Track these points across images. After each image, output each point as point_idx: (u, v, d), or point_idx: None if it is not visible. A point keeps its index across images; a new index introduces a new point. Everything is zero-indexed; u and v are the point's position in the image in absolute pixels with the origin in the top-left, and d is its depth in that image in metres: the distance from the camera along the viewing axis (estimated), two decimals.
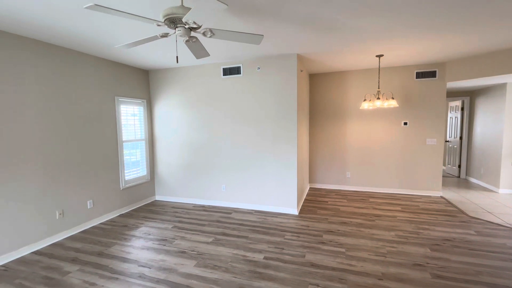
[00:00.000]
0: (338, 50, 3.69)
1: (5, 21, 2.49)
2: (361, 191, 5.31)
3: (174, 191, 4.89)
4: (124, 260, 2.79)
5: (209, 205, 4.60)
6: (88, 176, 3.70)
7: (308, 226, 3.59)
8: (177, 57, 1.93)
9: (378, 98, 4.20)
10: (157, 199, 5.04)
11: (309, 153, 5.68)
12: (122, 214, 4.24)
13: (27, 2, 2.13)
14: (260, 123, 4.17)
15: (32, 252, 2.99)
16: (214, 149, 4.51)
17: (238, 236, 3.32)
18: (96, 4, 1.41)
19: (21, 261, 2.80)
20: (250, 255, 2.85)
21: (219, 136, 4.46)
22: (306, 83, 5.06)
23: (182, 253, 2.92)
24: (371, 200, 4.73)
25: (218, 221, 3.84)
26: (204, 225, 3.72)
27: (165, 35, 2.04)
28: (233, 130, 4.36)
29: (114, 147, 4.13)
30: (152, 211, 4.37)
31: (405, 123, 4.97)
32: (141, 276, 2.48)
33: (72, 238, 3.36)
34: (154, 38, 2.06)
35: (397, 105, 4.14)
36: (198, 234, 3.40)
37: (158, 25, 1.89)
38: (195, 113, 4.58)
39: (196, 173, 4.68)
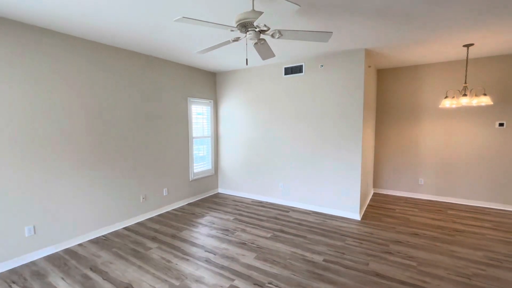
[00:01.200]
0: (416, 41, 3.31)
1: (115, 38, 3.05)
2: (437, 201, 4.66)
3: (235, 185, 5.18)
4: (193, 244, 3.11)
5: (266, 202, 4.72)
6: (164, 167, 4.24)
7: (372, 234, 3.35)
8: (246, 59, 2.05)
9: (465, 95, 3.61)
10: (219, 191, 5.43)
11: (374, 156, 5.27)
12: (190, 203, 4.72)
13: (136, 22, 2.57)
14: (321, 122, 4.07)
15: (123, 228, 3.60)
16: (273, 147, 4.61)
17: (296, 235, 3.33)
18: (184, 17, 1.61)
19: (115, 233, 3.41)
20: (309, 255, 2.83)
21: (278, 135, 4.53)
22: (374, 79, 4.70)
23: (242, 244, 3.09)
24: (449, 212, 4.12)
25: (275, 218, 3.92)
26: (262, 220, 3.84)
27: (236, 39, 2.18)
28: (292, 129, 4.37)
29: (186, 143, 4.62)
30: (215, 202, 4.73)
31: (501, 124, 4.14)
32: (207, 261, 2.73)
33: (151, 219, 3.91)
34: (227, 42, 2.23)
35: (491, 103, 3.48)
36: (257, 228, 3.54)
37: (232, 31, 2.04)
38: (256, 112, 4.75)
39: (255, 170, 4.86)
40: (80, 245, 3.10)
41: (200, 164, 5.04)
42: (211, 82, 5.12)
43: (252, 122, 4.82)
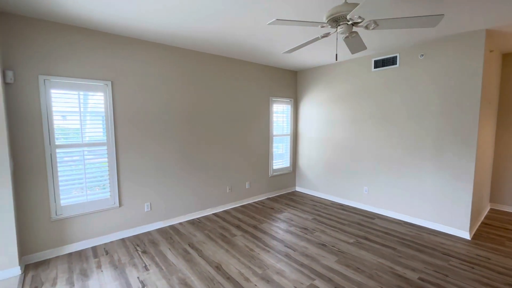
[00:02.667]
0: None
1: (211, 47, 3.48)
2: None
3: (312, 185, 5.09)
4: (273, 237, 3.23)
5: (348, 205, 4.45)
6: (247, 162, 4.55)
7: (489, 259, 2.70)
8: (336, 54, 1.98)
9: None
10: (297, 190, 5.44)
11: (493, 163, 4.21)
12: (269, 197, 4.92)
13: (231, 31, 2.87)
14: (418, 121, 3.53)
15: (212, 213, 4.07)
16: (357, 147, 4.28)
17: (383, 245, 3.01)
18: (277, 19, 1.69)
19: (206, 218, 3.89)
20: (400, 269, 2.52)
21: (364, 134, 4.18)
22: (496, 67, 3.74)
23: (322, 245, 3.02)
24: None
25: (359, 224, 3.65)
26: (344, 224, 3.64)
27: (326, 35, 2.13)
28: (381, 128, 3.95)
29: (266, 140, 4.83)
30: (293, 200, 4.77)
31: None
32: (287, 256, 2.79)
33: (235, 209, 4.27)
34: (316, 39, 2.20)
35: None
36: (337, 232, 3.39)
37: (322, 27, 2.01)
38: (338, 110, 4.52)
39: (336, 170, 4.64)
40: (180, 224, 3.68)
41: (279, 161, 5.18)
42: (292, 81, 5.17)
43: (334, 120, 4.61)
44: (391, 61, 3.77)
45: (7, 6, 2.31)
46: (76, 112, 2.84)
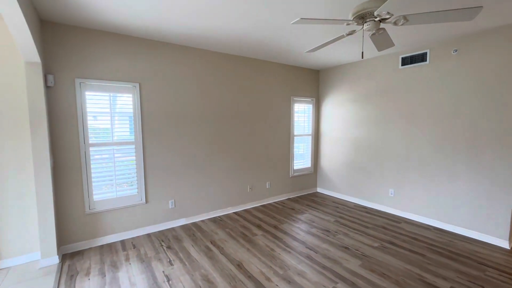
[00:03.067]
0: None
1: (234, 49, 3.53)
2: None
3: (334, 186, 4.98)
4: (294, 238, 3.21)
5: (372, 208, 4.29)
6: (268, 162, 4.55)
7: None
8: (362, 52, 1.92)
9: None
10: (318, 191, 5.35)
11: None
12: (289, 198, 4.88)
13: (254, 32, 2.90)
14: (450, 119, 3.32)
15: (233, 212, 4.12)
16: (382, 148, 4.12)
17: (410, 251, 2.88)
18: (302, 18, 1.67)
19: (227, 216, 3.95)
20: (429, 277, 2.39)
21: (390, 134, 4.01)
22: None
23: (345, 248, 2.94)
24: None
25: (383, 227, 3.51)
26: (367, 227, 3.53)
27: (351, 33, 2.08)
28: (408, 127, 3.77)
29: (287, 140, 4.80)
30: (314, 201, 4.70)
31: None
32: (309, 257, 2.75)
33: (256, 209, 4.29)
34: (341, 37, 2.15)
35: None
36: (361, 235, 3.29)
37: (347, 24, 1.96)
38: (362, 109, 4.37)
39: (359, 172, 4.50)
40: (202, 221, 3.77)
41: (300, 161, 5.12)
42: (314, 80, 5.08)
43: (358, 119, 4.47)
44: (420, 58, 3.58)
45: (50, 16, 2.50)
46: (106, 113, 3.01)
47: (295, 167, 5.01)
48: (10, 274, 2.44)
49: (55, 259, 2.62)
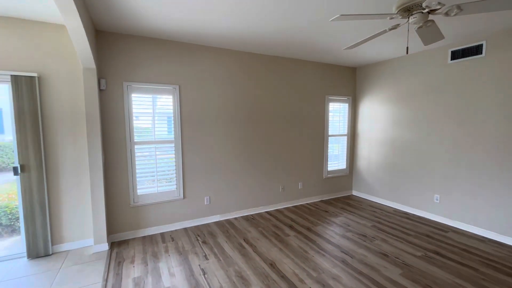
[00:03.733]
0: None
1: (271, 50, 3.55)
2: None
3: (372, 189, 4.73)
4: (328, 241, 3.12)
5: (414, 214, 3.99)
6: (301, 162, 4.49)
7: None
8: (407, 48, 1.80)
9: None
10: (353, 193, 5.13)
11: None
12: (322, 200, 4.76)
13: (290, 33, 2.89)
14: (507, 122, 2.94)
15: (265, 211, 4.14)
16: (426, 151, 3.80)
17: (460, 263, 2.61)
18: (342, 15, 1.62)
19: (260, 215, 3.98)
20: None
21: (435, 135, 3.68)
22: None
23: (384, 255, 2.78)
24: None
25: (428, 236, 3.24)
26: (409, 234, 3.29)
27: (395, 27, 1.96)
28: (457, 130, 3.42)
29: (321, 140, 4.68)
30: (349, 204, 4.52)
31: None
32: (344, 262, 2.65)
33: (287, 209, 4.26)
34: (382, 32, 2.04)
35: None
36: (401, 242, 3.08)
37: (391, 18, 1.85)
38: (403, 108, 4.08)
39: (400, 175, 4.21)
40: (235, 218, 3.86)
41: (334, 162, 4.95)
42: (350, 78, 4.88)
43: (399, 119, 4.19)
44: (474, 51, 3.23)
45: (103, 26, 2.77)
46: (149, 113, 3.23)
47: (329, 168, 4.86)
48: (69, 256, 2.76)
49: (105, 246, 2.89)
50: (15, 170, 2.59)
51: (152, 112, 3.25)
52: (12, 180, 2.77)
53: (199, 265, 2.61)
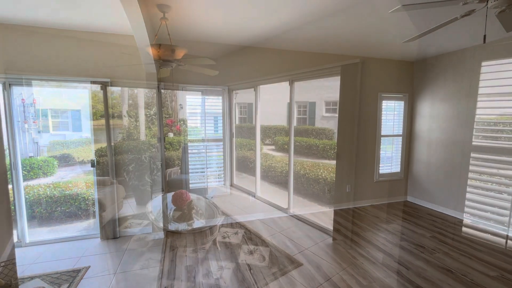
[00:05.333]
0: None
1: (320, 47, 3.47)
2: None
3: (431, 196, 4.25)
4: (379, 249, 2.91)
5: (485, 228, 3.47)
6: (348, 163, 4.26)
7: None
8: (484, 36, 1.57)
9: None
10: (408, 200, 4.68)
11: None
12: (372, 205, 4.45)
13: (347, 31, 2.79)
14: None
15: (310, 213, 4.06)
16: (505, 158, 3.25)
17: None
18: (403, 5, 1.49)
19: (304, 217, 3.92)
20: None
21: None
22: None
23: (447, 271, 2.48)
24: None
25: (505, 254, 2.79)
26: (479, 250, 2.87)
27: (469, 13, 1.72)
28: None
29: (373, 141, 4.37)
30: (403, 211, 4.14)
31: None
32: (399, 273, 2.45)
33: (334, 212, 4.10)
34: (453, 20, 1.81)
35: None
36: (469, 259, 2.70)
37: (465, 4, 1.63)
38: (474, 106, 3.56)
39: (466, 181, 3.69)
40: (279, 217, 3.86)
41: (386, 165, 4.59)
42: (406, 73, 4.46)
43: (467, 119, 3.67)
44: None
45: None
46: (199, 113, 3.44)
47: (381, 171, 4.52)
48: (132, 241, 3.11)
49: (161, 235, 3.18)
50: (92, 163, 3.02)
51: (201, 112, 3.46)
52: (88, 170, 3.24)
53: (245, 260, 2.69)
